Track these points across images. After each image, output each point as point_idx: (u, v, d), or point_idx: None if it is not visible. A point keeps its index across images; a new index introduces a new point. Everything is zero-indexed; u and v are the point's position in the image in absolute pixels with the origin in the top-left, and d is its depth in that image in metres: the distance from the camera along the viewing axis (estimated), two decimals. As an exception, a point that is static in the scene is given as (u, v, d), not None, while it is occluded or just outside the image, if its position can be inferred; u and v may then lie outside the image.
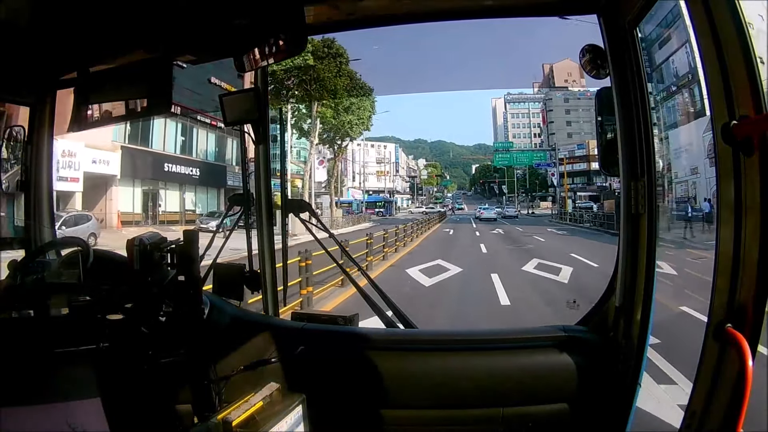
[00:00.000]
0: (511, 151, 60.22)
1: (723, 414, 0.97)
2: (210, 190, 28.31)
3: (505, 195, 68.12)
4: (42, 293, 1.39)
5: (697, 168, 22.75)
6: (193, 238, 1.39)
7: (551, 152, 58.35)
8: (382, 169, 67.05)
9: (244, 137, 1.82)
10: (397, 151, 76.09)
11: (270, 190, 1.92)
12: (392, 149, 74.47)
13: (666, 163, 25.35)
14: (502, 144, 68.25)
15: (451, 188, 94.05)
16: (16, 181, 1.97)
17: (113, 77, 1.70)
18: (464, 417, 1.47)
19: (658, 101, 29.35)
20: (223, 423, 1.23)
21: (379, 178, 64.34)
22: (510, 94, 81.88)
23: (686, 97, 27.43)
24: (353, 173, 61.59)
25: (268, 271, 1.89)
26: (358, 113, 31.78)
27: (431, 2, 1.66)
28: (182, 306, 1.38)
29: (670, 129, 28.36)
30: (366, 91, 29.80)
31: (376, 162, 66.54)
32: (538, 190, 65.34)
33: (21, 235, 2.01)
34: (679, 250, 12.98)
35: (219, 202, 28.11)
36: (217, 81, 19.93)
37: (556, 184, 55.85)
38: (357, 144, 63.35)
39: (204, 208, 27.20)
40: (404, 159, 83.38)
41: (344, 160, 57.86)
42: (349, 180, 59.70)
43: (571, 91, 66.08)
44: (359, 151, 62.33)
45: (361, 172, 61.12)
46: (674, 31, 27.57)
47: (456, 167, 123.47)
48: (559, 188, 52.34)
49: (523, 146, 76.33)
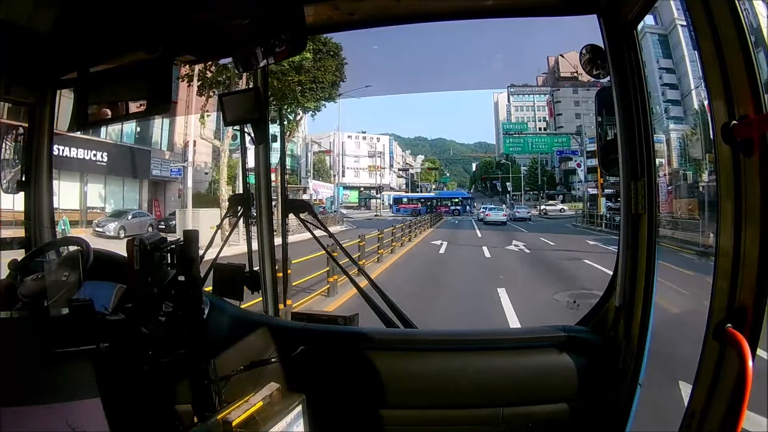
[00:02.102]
0: (525, 135, 47.96)
1: (723, 414, 0.97)
2: (128, 182, 22.39)
3: (509, 193, 61.19)
4: (42, 293, 1.39)
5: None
6: (193, 238, 1.39)
7: (575, 137, 46.35)
8: (374, 164, 61.57)
9: (244, 137, 1.82)
10: (391, 144, 70.26)
11: (270, 190, 1.92)
12: (386, 142, 68.07)
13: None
14: (513, 125, 52.90)
15: (450, 186, 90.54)
16: (16, 181, 1.97)
17: (113, 77, 1.70)
18: (464, 417, 1.47)
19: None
20: (223, 423, 1.23)
21: (371, 174, 59.14)
22: (514, 85, 71.40)
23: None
24: (342, 167, 57.82)
25: (268, 271, 1.89)
26: (316, 74, 19.42)
27: (431, 2, 1.66)
28: (182, 306, 1.38)
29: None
30: (331, 48, 19.67)
31: (368, 156, 61.55)
32: (546, 188, 58.21)
33: (21, 235, 2.01)
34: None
35: (141, 199, 22.44)
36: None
37: (583, 178, 45.82)
38: (348, 136, 59.55)
39: (119, 204, 21.68)
40: (400, 153, 76.73)
41: (331, 154, 54.81)
42: (338, 175, 56.30)
43: (580, 81, 56.20)
44: (348, 143, 58.37)
45: (339, 162, 56.40)
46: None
47: (456, 165, 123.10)
48: (584, 184, 43.33)
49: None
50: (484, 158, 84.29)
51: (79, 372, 1.27)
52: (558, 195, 55.38)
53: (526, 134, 48.89)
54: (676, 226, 19.15)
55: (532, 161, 61.54)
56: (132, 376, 1.33)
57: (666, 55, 33.48)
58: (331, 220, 27.77)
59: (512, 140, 47.34)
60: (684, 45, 30.36)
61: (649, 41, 32.83)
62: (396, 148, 74.34)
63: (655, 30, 32.96)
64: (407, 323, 1.72)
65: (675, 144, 29.80)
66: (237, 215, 1.90)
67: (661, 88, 32.14)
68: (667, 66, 33.27)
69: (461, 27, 69.20)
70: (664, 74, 32.54)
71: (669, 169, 29.30)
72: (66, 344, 1.29)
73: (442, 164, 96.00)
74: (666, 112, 32.25)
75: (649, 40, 32.63)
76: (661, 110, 32.27)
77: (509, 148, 48.64)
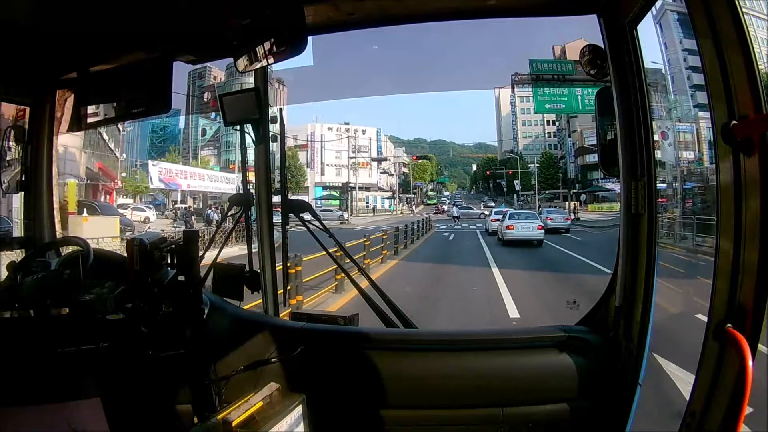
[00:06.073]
0: (569, 81, 27.09)
1: (723, 414, 0.97)
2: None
3: (518, 193, 51.23)
4: (42, 293, 1.39)
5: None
6: (193, 238, 1.39)
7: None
8: (362, 160, 52.25)
9: (244, 137, 1.82)
10: (379, 137, 58.38)
11: (270, 190, 1.92)
12: (373, 135, 56.06)
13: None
14: (548, 65, 29.76)
15: (450, 187, 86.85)
16: (17, 181, 1.97)
17: (113, 77, 1.70)
18: (464, 417, 1.47)
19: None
20: (223, 423, 1.23)
21: (356, 171, 49.55)
22: (518, 74, 64.88)
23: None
24: (321, 163, 50.24)
25: (268, 271, 1.89)
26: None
27: (431, 2, 1.66)
28: (182, 306, 1.38)
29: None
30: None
31: (353, 151, 52.20)
32: (558, 186, 47.60)
33: (21, 235, 2.01)
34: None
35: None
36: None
37: (673, 159, 23.09)
38: (329, 128, 51.71)
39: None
40: (390, 149, 63.94)
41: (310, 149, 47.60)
42: (317, 173, 49.70)
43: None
44: (329, 135, 50.05)
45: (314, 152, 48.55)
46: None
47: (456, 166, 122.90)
48: (677, 167, 22.34)
49: (534, 135, 59.82)
50: (484, 159, 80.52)
51: (79, 372, 1.27)
52: (581, 194, 42.79)
53: (572, 79, 27.29)
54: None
55: (543, 155, 53.49)
56: (132, 377, 1.33)
57: (688, 35, 27.81)
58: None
59: (548, 92, 28.42)
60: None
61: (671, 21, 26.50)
62: (386, 143, 62.57)
63: (676, 7, 26.04)
64: (407, 323, 1.72)
65: (705, 134, 25.46)
66: (237, 215, 1.90)
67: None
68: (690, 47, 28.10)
69: (461, 27, 67.68)
70: (687, 56, 26.13)
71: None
72: (66, 344, 1.29)
73: (438, 162, 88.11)
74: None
75: (670, 18, 26.65)
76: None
77: (543, 105, 29.54)
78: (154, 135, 50.06)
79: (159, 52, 1.63)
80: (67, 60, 1.76)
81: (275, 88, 39.62)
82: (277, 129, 1.89)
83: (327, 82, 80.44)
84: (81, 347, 1.29)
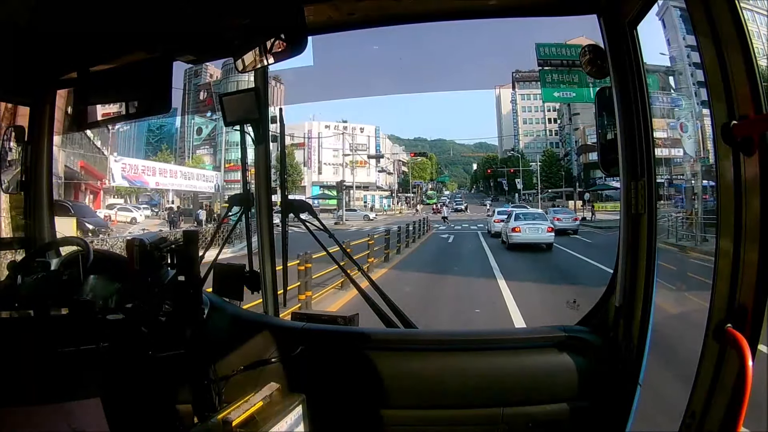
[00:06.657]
0: (576, 68, 24.35)
1: (723, 414, 0.97)
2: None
3: (519, 192, 49.52)
4: (42, 293, 1.39)
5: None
6: (193, 238, 1.39)
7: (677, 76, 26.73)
8: (359, 159, 50.67)
9: (244, 137, 1.82)
10: (378, 135, 56.59)
11: (270, 190, 1.92)
12: (372, 132, 54.47)
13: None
14: (555, 49, 27.41)
15: (450, 186, 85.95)
16: (17, 181, 1.97)
17: (113, 77, 1.70)
18: (464, 417, 1.47)
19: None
20: (223, 423, 1.23)
21: (353, 170, 48.12)
22: (519, 71, 56.64)
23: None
24: (318, 162, 49.40)
25: (268, 272, 1.89)
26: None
27: (431, 2, 1.66)
28: (182, 306, 1.38)
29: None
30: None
31: (350, 149, 50.63)
32: (561, 185, 47.45)
33: (21, 235, 2.01)
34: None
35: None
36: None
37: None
38: (326, 126, 50.69)
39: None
40: (389, 147, 61.71)
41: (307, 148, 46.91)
42: (315, 172, 48.92)
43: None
44: (327, 134, 48.97)
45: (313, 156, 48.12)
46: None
47: (456, 166, 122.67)
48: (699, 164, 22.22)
49: (535, 134, 59.61)
50: (484, 158, 79.47)
51: (79, 372, 1.27)
52: (585, 192, 41.00)
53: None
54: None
55: (545, 153, 53.27)
56: (132, 377, 1.33)
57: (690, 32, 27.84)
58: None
59: (556, 78, 26.19)
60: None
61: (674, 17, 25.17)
62: (385, 141, 60.02)
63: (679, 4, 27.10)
64: (407, 323, 1.72)
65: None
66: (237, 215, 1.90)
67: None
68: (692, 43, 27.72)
69: (462, 27, 66.94)
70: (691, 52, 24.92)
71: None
72: (66, 344, 1.29)
73: (438, 160, 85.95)
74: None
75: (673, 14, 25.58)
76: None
77: (551, 94, 26.71)
78: (150, 134, 49.09)
79: (159, 52, 1.63)
80: (67, 60, 1.76)
81: (272, 86, 39.27)
82: (276, 129, 1.89)
83: (327, 82, 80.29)
84: (81, 347, 1.29)
